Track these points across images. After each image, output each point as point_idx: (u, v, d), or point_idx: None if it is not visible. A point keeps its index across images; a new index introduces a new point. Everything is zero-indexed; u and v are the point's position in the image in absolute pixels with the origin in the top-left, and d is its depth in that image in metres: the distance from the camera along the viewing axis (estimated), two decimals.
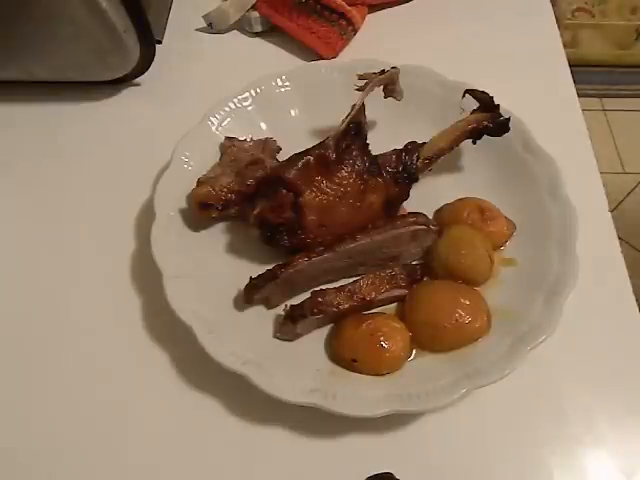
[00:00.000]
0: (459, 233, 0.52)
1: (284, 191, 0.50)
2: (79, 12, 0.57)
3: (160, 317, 0.50)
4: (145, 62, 0.65)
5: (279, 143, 0.59)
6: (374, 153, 0.54)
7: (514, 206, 0.54)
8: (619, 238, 0.56)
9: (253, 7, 0.72)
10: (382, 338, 0.47)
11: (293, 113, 0.63)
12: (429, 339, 0.48)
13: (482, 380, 0.44)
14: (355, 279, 0.50)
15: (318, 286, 0.51)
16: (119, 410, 0.48)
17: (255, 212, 0.51)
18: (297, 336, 0.49)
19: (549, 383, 0.49)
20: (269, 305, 0.51)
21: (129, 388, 0.49)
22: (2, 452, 0.47)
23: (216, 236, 0.55)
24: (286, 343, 0.49)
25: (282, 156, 0.57)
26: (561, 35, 0.73)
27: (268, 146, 0.58)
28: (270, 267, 0.50)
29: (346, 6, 0.70)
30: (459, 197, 0.55)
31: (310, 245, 0.51)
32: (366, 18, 0.73)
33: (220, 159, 0.57)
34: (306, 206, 0.50)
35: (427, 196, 0.56)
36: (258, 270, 0.50)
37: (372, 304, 0.50)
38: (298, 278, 0.50)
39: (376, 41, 0.72)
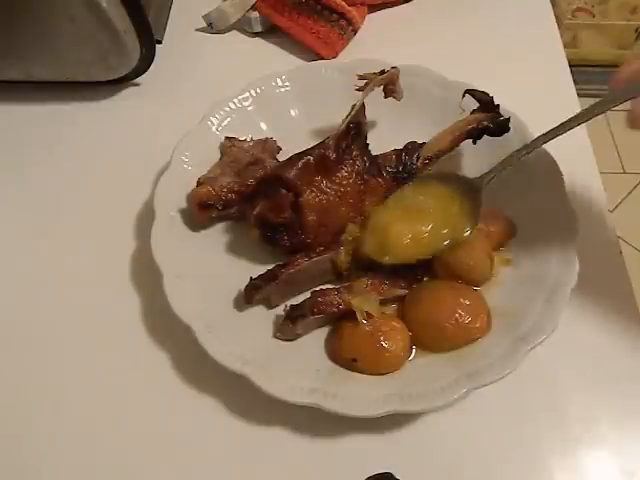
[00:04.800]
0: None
1: (284, 191, 0.50)
2: (79, 12, 0.57)
3: (160, 317, 0.50)
4: (145, 62, 0.65)
5: (279, 143, 0.59)
6: (374, 153, 0.54)
7: (514, 206, 0.54)
8: (619, 238, 0.56)
9: (253, 7, 0.72)
10: (382, 338, 0.47)
11: (293, 113, 0.63)
12: (429, 339, 0.48)
13: (482, 380, 0.44)
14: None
15: (318, 286, 0.51)
16: (119, 410, 0.48)
17: (255, 212, 0.51)
18: (297, 336, 0.49)
19: (549, 383, 0.49)
20: (269, 305, 0.51)
21: (129, 388, 0.49)
22: (2, 452, 0.47)
23: (216, 236, 0.55)
24: (286, 343, 0.49)
25: (282, 156, 0.57)
26: (561, 35, 0.73)
27: (268, 146, 0.58)
28: (270, 267, 0.50)
29: (346, 6, 0.70)
30: None
31: (310, 245, 0.51)
32: (366, 18, 0.73)
33: (220, 159, 0.57)
34: (306, 206, 0.50)
35: None
36: (258, 270, 0.50)
37: None
38: (298, 278, 0.50)
39: (376, 41, 0.72)
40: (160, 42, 0.71)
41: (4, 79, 0.66)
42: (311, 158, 0.51)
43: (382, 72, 0.56)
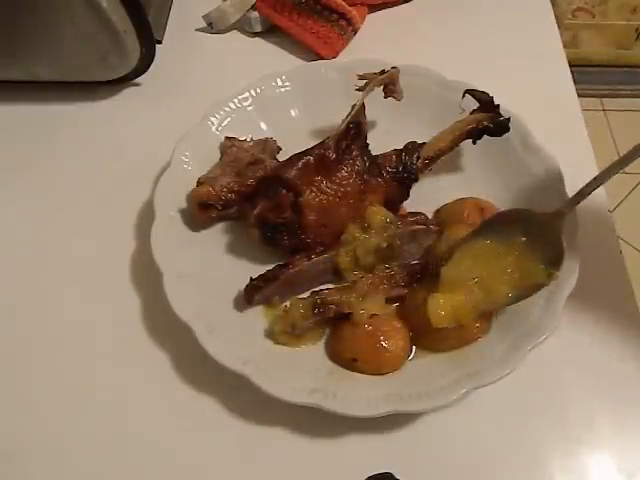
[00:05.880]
0: (459, 233, 0.52)
1: (284, 191, 0.50)
2: (79, 12, 0.57)
3: (160, 317, 0.50)
4: (145, 62, 0.65)
5: (279, 143, 0.59)
6: (374, 153, 0.54)
7: (514, 206, 0.54)
8: (619, 238, 0.56)
9: (253, 7, 0.72)
10: (382, 338, 0.47)
11: (293, 113, 0.63)
12: (429, 339, 0.48)
13: (482, 380, 0.44)
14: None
15: (318, 286, 0.51)
16: (119, 410, 0.48)
17: (255, 212, 0.51)
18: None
19: (549, 383, 0.49)
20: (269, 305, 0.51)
21: (129, 388, 0.49)
22: (2, 452, 0.47)
23: (216, 236, 0.55)
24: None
25: (282, 156, 0.57)
26: (561, 35, 0.73)
27: (268, 146, 0.58)
28: (270, 267, 0.50)
29: (346, 6, 0.70)
30: (459, 197, 0.55)
31: (310, 245, 0.51)
32: (366, 18, 0.73)
33: (220, 159, 0.57)
34: (306, 206, 0.50)
35: (427, 196, 0.56)
36: (258, 270, 0.50)
37: None
38: (298, 278, 0.50)
39: (376, 41, 0.72)
40: (160, 42, 0.71)
41: (4, 79, 0.66)
42: (311, 158, 0.51)
43: (382, 72, 0.56)
